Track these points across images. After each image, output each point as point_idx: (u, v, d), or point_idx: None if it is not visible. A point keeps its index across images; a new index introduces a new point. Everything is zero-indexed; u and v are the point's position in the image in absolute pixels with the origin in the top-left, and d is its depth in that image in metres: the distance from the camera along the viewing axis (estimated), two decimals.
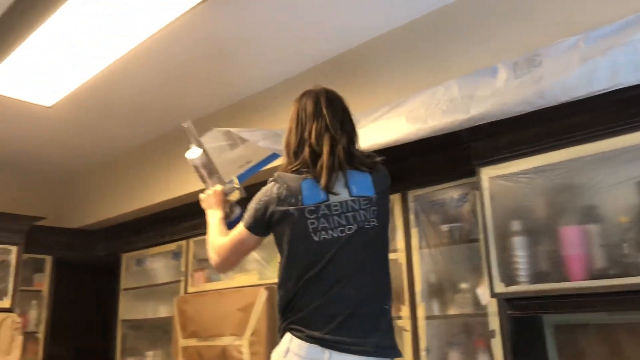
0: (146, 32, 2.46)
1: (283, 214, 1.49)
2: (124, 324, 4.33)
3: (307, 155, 1.53)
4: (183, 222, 3.91)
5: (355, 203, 1.50)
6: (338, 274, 1.46)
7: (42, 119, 3.40)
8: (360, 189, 1.52)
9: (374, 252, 1.53)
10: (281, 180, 1.53)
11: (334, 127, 1.57)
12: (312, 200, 1.49)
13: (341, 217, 1.48)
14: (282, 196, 1.50)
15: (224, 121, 3.41)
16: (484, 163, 2.19)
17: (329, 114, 1.59)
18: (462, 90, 2.12)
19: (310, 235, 1.46)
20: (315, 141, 1.54)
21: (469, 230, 2.39)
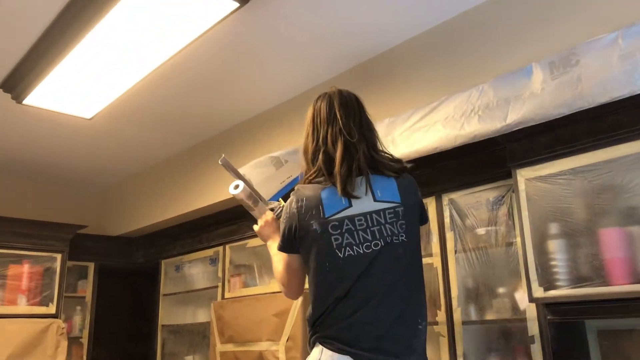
0: (180, 44, 2.52)
1: (306, 229, 1.44)
2: (163, 329, 4.42)
3: (322, 161, 1.50)
4: (219, 229, 3.97)
5: (380, 216, 1.43)
6: (368, 293, 1.39)
7: (83, 130, 3.52)
8: (384, 194, 1.46)
9: (405, 270, 1.45)
10: (299, 194, 1.49)
11: (349, 130, 1.52)
12: (334, 209, 1.43)
13: (367, 232, 1.42)
14: (302, 210, 1.45)
15: (257, 129, 3.46)
16: (520, 164, 2.14)
17: (343, 116, 1.54)
18: (497, 93, 2.09)
19: (335, 251, 1.40)
20: (330, 146, 1.50)
21: (506, 233, 2.34)
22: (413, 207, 1.51)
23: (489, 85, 2.13)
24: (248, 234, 3.70)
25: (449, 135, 2.20)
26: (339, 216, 1.42)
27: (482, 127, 2.10)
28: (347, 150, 1.49)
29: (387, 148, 2.42)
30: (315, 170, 1.51)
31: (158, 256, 4.61)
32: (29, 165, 4.28)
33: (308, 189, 1.49)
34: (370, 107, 2.72)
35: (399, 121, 2.43)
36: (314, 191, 1.47)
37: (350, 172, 1.46)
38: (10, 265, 3.93)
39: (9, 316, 3.78)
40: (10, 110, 3.20)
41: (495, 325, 2.33)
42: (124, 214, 4.75)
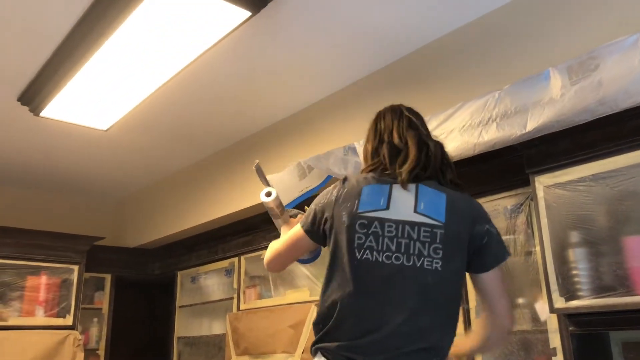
0: (194, 53, 2.52)
1: (337, 218, 1.36)
2: (179, 340, 4.40)
3: (386, 151, 1.42)
4: (234, 239, 3.96)
5: (413, 230, 1.29)
6: (383, 315, 1.27)
7: (99, 142, 3.55)
8: (427, 208, 1.32)
9: (433, 305, 1.29)
10: (346, 182, 1.42)
11: (419, 127, 1.47)
12: (369, 206, 1.33)
13: (392, 242, 1.29)
14: (340, 199, 1.38)
15: (274, 138, 3.45)
16: (538, 171, 2.10)
17: (412, 117, 1.49)
18: (514, 100, 2.05)
19: (354, 250, 1.30)
20: (397, 139, 1.42)
21: (525, 242, 2.29)
22: (459, 235, 1.33)
23: (506, 92, 2.09)
24: (263, 244, 3.67)
25: (467, 143, 2.16)
26: (370, 215, 1.32)
27: (501, 135, 2.06)
28: (419, 142, 1.42)
29: None
30: (375, 162, 1.44)
31: (174, 267, 4.61)
32: (46, 177, 4.34)
33: (354, 179, 1.42)
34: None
35: None
36: (358, 183, 1.39)
37: (419, 163, 1.37)
38: (28, 276, 3.96)
39: (26, 327, 3.80)
40: (28, 123, 3.24)
41: (514, 336, 2.26)
42: (140, 225, 4.76)
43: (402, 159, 1.39)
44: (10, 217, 4.19)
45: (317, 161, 2.46)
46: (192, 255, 4.42)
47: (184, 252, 4.51)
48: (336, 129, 3.00)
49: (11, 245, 3.88)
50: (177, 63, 2.61)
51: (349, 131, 2.89)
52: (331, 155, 2.56)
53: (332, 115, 3.05)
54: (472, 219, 1.37)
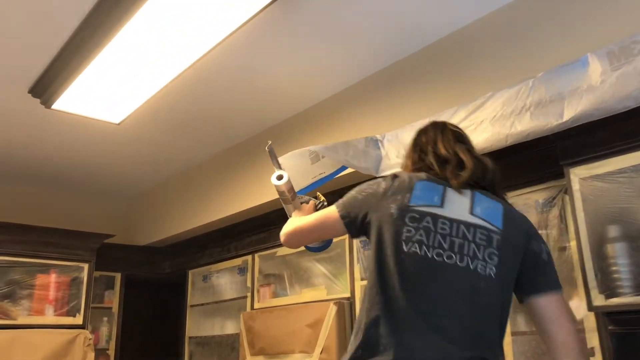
0: (210, 43, 2.44)
1: (382, 212, 1.29)
2: (191, 340, 4.32)
3: (433, 160, 1.38)
4: (248, 237, 3.88)
5: (469, 231, 1.23)
6: (426, 313, 1.18)
7: (111, 136, 3.47)
8: (484, 212, 1.27)
9: (483, 312, 1.21)
10: (396, 177, 1.35)
11: (468, 142, 1.46)
12: (421, 201, 1.27)
13: (445, 239, 1.22)
14: (388, 193, 1.31)
15: (290, 131, 3.37)
16: (574, 163, 2.00)
17: (458, 130, 1.49)
18: (549, 88, 1.95)
19: (401, 242, 1.22)
20: (443, 149, 1.39)
21: (558, 237, 2.19)
22: (516, 245, 1.27)
23: (540, 80, 1.99)
24: (278, 242, 3.58)
25: (499, 134, 2.07)
26: (422, 209, 1.26)
27: (535, 125, 1.96)
28: (473, 155, 1.39)
29: None
30: (420, 167, 1.40)
31: (185, 266, 4.54)
32: (56, 172, 4.25)
33: (406, 175, 1.36)
34: (409, 105, 2.65)
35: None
36: (410, 178, 1.34)
37: (474, 174, 1.33)
38: (37, 274, 3.89)
39: (36, 326, 3.73)
40: (38, 116, 3.16)
41: None
42: (151, 223, 4.69)
43: (453, 167, 1.35)
44: (20, 214, 4.13)
45: (334, 152, 2.36)
46: (204, 254, 4.34)
47: (195, 251, 4.43)
48: (355, 122, 2.91)
49: (20, 242, 3.81)
50: (192, 54, 2.53)
51: (370, 124, 2.80)
52: (350, 146, 2.46)
53: (351, 107, 2.96)
54: (527, 234, 1.32)
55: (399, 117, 2.63)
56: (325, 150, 2.29)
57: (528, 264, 1.30)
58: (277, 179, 1.74)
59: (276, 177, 1.74)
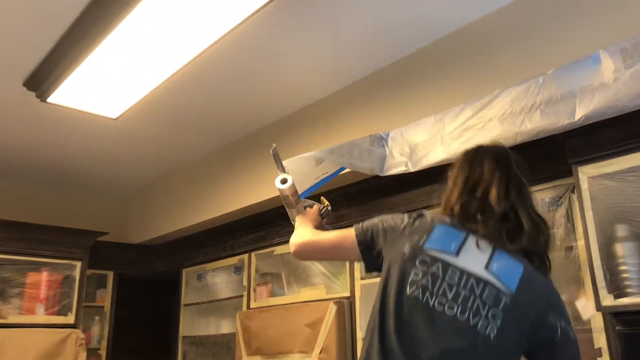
0: (210, 39, 2.40)
1: (396, 249, 1.26)
2: (184, 340, 4.27)
3: (479, 212, 1.27)
4: (244, 235, 3.83)
5: (478, 287, 1.17)
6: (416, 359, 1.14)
7: (108, 131, 3.40)
8: (500, 271, 1.18)
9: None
10: (420, 217, 1.30)
11: (529, 195, 1.33)
12: (437, 245, 1.22)
13: (450, 290, 1.17)
14: (406, 231, 1.28)
15: (290, 129, 3.33)
16: (583, 161, 1.99)
17: (522, 176, 1.35)
18: (560, 85, 1.93)
19: (406, 285, 1.19)
20: (496, 201, 1.26)
21: (565, 237, 2.17)
22: (525, 312, 1.19)
23: (550, 77, 1.97)
24: (276, 240, 3.55)
25: (507, 132, 2.04)
26: (435, 255, 1.21)
27: (546, 123, 1.94)
28: (534, 221, 1.28)
29: (436, 148, 2.32)
30: (456, 215, 1.30)
31: (179, 265, 4.47)
32: (50, 168, 4.16)
33: (430, 216, 1.31)
34: (414, 102, 2.62)
35: (447, 118, 2.27)
36: (432, 220, 1.29)
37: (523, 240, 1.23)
38: (28, 273, 3.81)
39: (26, 326, 3.65)
40: (33, 110, 3.08)
41: None
42: (145, 221, 4.62)
43: (509, 230, 1.24)
44: (11, 210, 4.03)
45: (339, 156, 2.34)
46: (199, 252, 4.28)
47: (190, 249, 4.37)
48: (359, 119, 2.88)
49: (11, 240, 3.73)
50: (192, 50, 2.48)
51: (374, 121, 2.77)
52: (355, 146, 2.43)
53: (355, 104, 2.92)
54: (547, 305, 1.23)
55: (404, 115, 2.60)
56: (330, 155, 2.26)
57: (542, 336, 1.21)
58: (281, 182, 1.72)
59: (280, 181, 1.73)
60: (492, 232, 1.24)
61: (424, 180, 2.62)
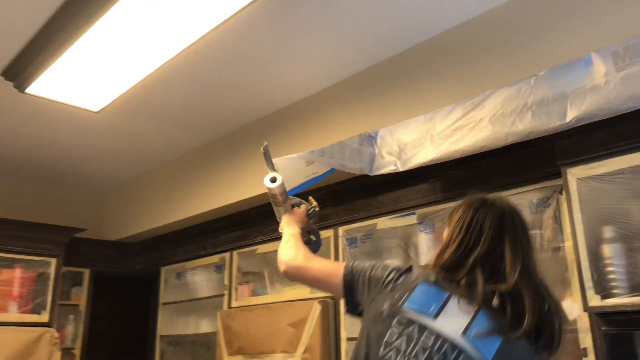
0: (197, 33, 2.36)
1: (374, 308, 1.23)
2: (162, 339, 4.18)
3: (479, 271, 1.20)
4: (226, 234, 3.77)
5: (452, 352, 1.11)
6: None
7: (89, 124, 3.30)
8: (477, 338, 1.12)
9: None
10: (408, 272, 1.27)
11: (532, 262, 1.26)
12: (416, 306, 1.18)
13: (423, 353, 1.12)
14: (389, 285, 1.25)
15: (275, 126, 3.29)
16: (572, 163, 2.00)
17: (525, 240, 1.28)
18: (552, 87, 1.94)
19: (381, 345, 1.16)
20: (493, 262, 1.21)
21: (552, 238, 2.19)
22: None
23: (542, 78, 1.98)
24: (258, 239, 3.51)
25: (498, 133, 2.05)
26: (412, 317, 1.17)
27: (538, 125, 1.95)
28: (536, 292, 1.20)
29: (425, 147, 2.31)
30: (449, 268, 1.24)
31: (158, 263, 4.39)
32: (27, 161, 4.02)
33: (416, 272, 1.27)
34: (404, 101, 2.61)
35: (437, 118, 2.27)
36: (417, 278, 1.24)
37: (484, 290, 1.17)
38: (1, 269, 3.69)
39: None
40: (11, 100, 2.98)
41: None
42: (124, 217, 4.53)
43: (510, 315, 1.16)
44: None
45: (330, 157, 2.32)
46: (179, 250, 4.21)
47: (169, 247, 4.29)
48: (348, 117, 2.86)
49: None
50: (176, 44, 2.44)
51: (363, 119, 2.76)
52: (345, 146, 2.42)
53: (345, 101, 2.90)
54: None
55: (394, 113, 2.59)
56: (320, 157, 2.25)
57: None
58: (270, 181, 1.71)
59: (269, 180, 1.72)
60: (478, 296, 1.18)
61: (411, 179, 2.62)
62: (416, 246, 2.66)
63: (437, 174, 2.55)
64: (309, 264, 1.45)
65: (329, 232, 2.99)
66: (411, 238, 2.70)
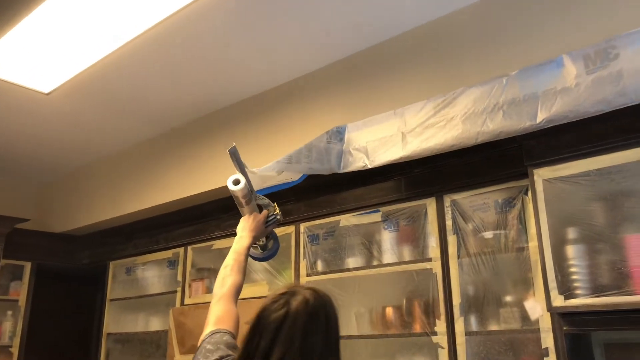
0: (151, 20, 2.28)
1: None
2: (109, 337, 3.99)
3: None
4: (181, 228, 3.63)
5: None
6: None
7: (38, 107, 3.08)
8: None
9: None
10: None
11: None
12: None
13: None
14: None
15: (241, 117, 3.19)
16: (538, 164, 2.01)
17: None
18: (524, 87, 1.95)
19: None
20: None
21: (517, 238, 2.20)
22: None
23: (514, 78, 1.98)
24: (216, 233, 3.40)
25: (469, 132, 2.04)
26: None
27: (508, 125, 1.95)
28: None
29: (395, 145, 2.27)
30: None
31: (106, 257, 4.19)
32: None
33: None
34: (376, 96, 2.58)
35: (408, 114, 2.24)
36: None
37: None
38: None
39: None
40: None
41: (502, 336, 2.17)
42: (70, 208, 4.29)
43: None
44: None
45: (297, 162, 2.25)
46: (128, 244, 4.03)
47: (119, 241, 4.10)
48: (317, 110, 2.80)
49: None
50: (133, 28, 2.34)
51: (332, 112, 2.70)
52: (312, 147, 2.36)
53: (310, 94, 2.84)
54: None
55: (364, 108, 2.55)
56: (288, 165, 2.21)
57: None
58: (233, 183, 1.72)
59: (232, 182, 1.71)
60: None
61: (376, 176, 2.59)
62: (379, 244, 2.63)
63: (401, 172, 2.52)
64: (212, 306, 1.47)
65: (290, 228, 2.92)
66: (374, 236, 2.66)
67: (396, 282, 2.55)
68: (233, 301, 1.51)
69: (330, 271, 2.75)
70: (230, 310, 1.45)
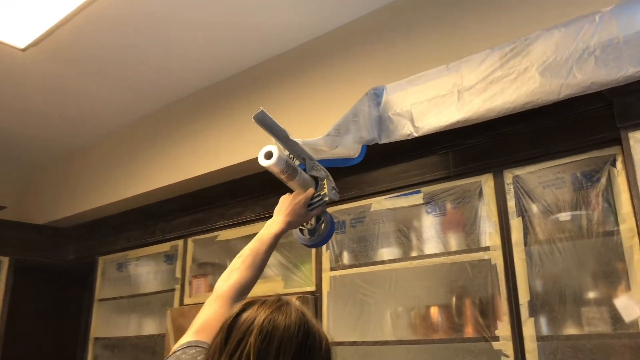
0: None
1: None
2: (96, 342, 3.59)
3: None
4: (180, 217, 3.24)
5: None
6: None
7: (14, 67, 2.63)
8: None
9: None
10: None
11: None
12: None
13: None
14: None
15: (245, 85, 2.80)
16: (636, 125, 1.62)
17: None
18: (624, 26, 1.56)
19: None
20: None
21: (602, 220, 1.78)
22: None
23: (610, 15, 1.59)
24: (219, 223, 2.99)
25: (550, 84, 1.64)
26: None
27: (604, 73, 1.56)
28: None
29: (450, 106, 1.87)
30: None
31: (95, 251, 3.80)
32: None
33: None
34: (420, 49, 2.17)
35: (465, 68, 1.84)
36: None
37: None
38: None
39: None
40: None
41: (584, 342, 1.75)
42: (54, 197, 3.91)
43: None
44: None
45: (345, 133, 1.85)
46: (120, 237, 3.64)
47: (109, 233, 3.72)
48: (343, 67, 2.41)
49: None
50: None
51: (367, 71, 2.30)
52: (359, 112, 1.95)
53: (336, 50, 2.45)
54: None
55: (402, 65, 2.14)
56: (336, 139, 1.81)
57: None
58: (264, 157, 1.39)
59: (264, 155, 1.39)
60: None
61: (417, 150, 2.18)
62: (420, 231, 2.21)
63: (450, 144, 2.11)
64: (205, 304, 1.25)
65: None
66: (413, 221, 2.25)
67: (443, 276, 2.14)
68: (232, 303, 1.22)
69: (359, 264, 2.34)
70: (222, 316, 1.06)
